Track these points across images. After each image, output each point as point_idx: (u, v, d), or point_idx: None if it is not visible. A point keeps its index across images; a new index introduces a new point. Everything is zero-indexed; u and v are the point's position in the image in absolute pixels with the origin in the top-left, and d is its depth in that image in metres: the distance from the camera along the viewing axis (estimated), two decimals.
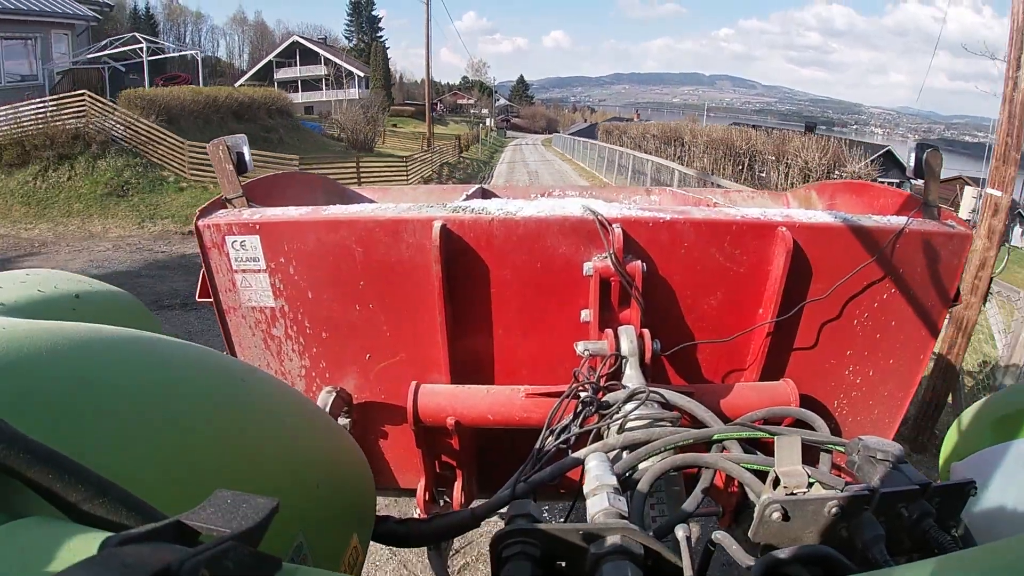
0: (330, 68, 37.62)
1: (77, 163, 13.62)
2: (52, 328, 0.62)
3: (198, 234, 1.53)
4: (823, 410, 1.68)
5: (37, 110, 14.20)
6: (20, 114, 14.08)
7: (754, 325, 1.57)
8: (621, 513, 0.77)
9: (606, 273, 1.44)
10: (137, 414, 0.59)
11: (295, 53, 38.56)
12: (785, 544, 0.72)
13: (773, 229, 1.48)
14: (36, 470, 0.42)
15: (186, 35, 59.68)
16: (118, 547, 0.34)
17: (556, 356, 1.59)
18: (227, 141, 1.58)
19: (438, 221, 1.44)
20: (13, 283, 1.00)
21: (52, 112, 14.16)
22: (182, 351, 0.74)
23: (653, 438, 1.03)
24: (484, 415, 1.46)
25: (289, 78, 36.94)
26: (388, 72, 51.83)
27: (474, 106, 46.59)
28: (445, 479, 1.70)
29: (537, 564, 0.65)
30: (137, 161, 14.18)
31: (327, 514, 0.84)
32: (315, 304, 1.57)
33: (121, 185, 13.48)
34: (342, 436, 1.06)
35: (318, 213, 1.51)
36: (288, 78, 36.84)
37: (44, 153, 13.54)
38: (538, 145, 43.88)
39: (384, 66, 49.98)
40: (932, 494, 0.77)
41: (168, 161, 14.35)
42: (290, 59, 38.51)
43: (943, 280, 1.57)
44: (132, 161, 14.11)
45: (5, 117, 13.84)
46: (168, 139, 14.48)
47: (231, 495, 0.42)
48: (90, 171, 13.58)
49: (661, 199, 3.06)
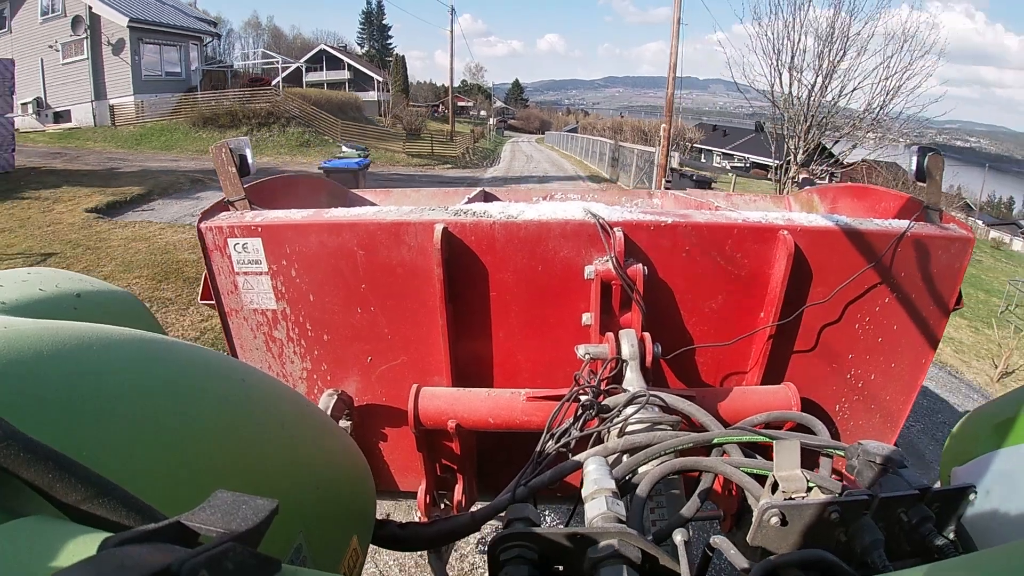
0: (352, 73, 43.84)
1: (273, 129, 24.03)
2: (53, 327, 0.62)
3: (200, 236, 1.53)
4: (824, 414, 1.68)
5: (237, 93, 25.31)
6: (224, 95, 25.00)
7: (755, 329, 1.57)
8: (619, 517, 0.77)
9: (607, 276, 1.44)
10: (137, 414, 0.59)
11: (322, 59, 44.87)
12: (784, 549, 0.72)
13: (775, 233, 1.48)
14: (36, 470, 0.42)
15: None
16: (117, 547, 0.34)
17: (557, 359, 1.59)
18: (230, 144, 1.58)
19: (440, 224, 1.44)
20: (14, 282, 1.00)
21: (247, 97, 25.05)
22: (182, 351, 0.74)
23: (653, 442, 1.03)
24: (485, 418, 1.46)
25: (317, 81, 41.81)
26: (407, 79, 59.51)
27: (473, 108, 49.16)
28: (446, 482, 1.70)
29: (534, 568, 0.65)
30: (310, 130, 24.80)
31: (327, 515, 0.84)
32: (317, 307, 1.57)
33: (304, 142, 23.83)
34: (342, 438, 1.06)
35: (320, 216, 1.52)
36: (316, 81, 41.71)
37: (250, 120, 23.65)
38: (532, 142, 52.99)
39: (403, 74, 56.73)
40: (932, 499, 0.77)
41: (327, 130, 25.19)
42: (317, 64, 44.69)
43: (945, 284, 1.57)
44: (307, 130, 24.70)
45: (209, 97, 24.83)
46: (328, 118, 25.66)
47: (231, 496, 0.42)
48: (283, 133, 24.03)
49: (663, 202, 3.06)
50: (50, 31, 23.51)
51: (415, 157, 26.08)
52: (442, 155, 27.50)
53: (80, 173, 14.34)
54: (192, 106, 24.09)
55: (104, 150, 20.22)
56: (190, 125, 23.26)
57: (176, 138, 22.59)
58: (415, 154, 26.58)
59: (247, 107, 23.96)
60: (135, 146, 21.48)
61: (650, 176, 15.57)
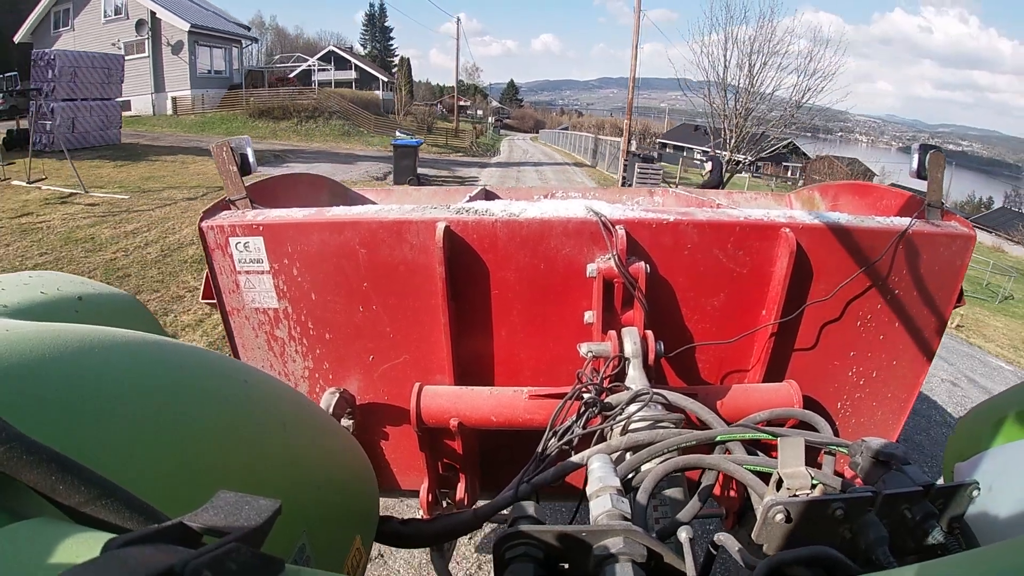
0: (358, 72, 47.38)
1: (318, 121, 28.17)
2: (55, 330, 0.62)
3: (202, 235, 1.53)
4: (826, 412, 1.68)
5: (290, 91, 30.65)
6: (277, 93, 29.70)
7: (757, 326, 1.57)
8: (624, 515, 0.77)
9: (609, 274, 1.44)
10: (140, 416, 0.59)
11: (331, 59, 48.04)
12: (788, 546, 0.72)
13: (776, 230, 1.47)
14: (38, 472, 0.42)
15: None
16: (120, 549, 0.34)
17: (559, 357, 1.59)
18: (231, 143, 1.58)
19: (442, 222, 1.44)
20: (16, 285, 1.00)
21: (295, 94, 30.17)
22: (184, 353, 0.74)
23: (656, 440, 1.03)
24: (487, 416, 1.46)
25: (326, 80, 44.44)
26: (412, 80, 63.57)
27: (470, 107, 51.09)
28: (448, 480, 1.70)
29: (540, 566, 0.65)
30: (349, 123, 29.22)
31: (330, 515, 0.84)
32: (318, 305, 1.57)
33: (345, 132, 27.96)
34: (345, 437, 1.06)
35: (322, 215, 1.51)
36: (325, 80, 44.36)
37: (300, 114, 28.01)
38: (527, 139, 58.72)
39: (408, 75, 60.19)
40: (935, 495, 0.77)
41: (361, 124, 29.79)
42: (326, 64, 47.54)
43: (946, 281, 1.56)
44: (347, 122, 29.11)
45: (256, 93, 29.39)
46: (362, 113, 30.86)
47: (234, 496, 0.42)
48: (327, 124, 28.21)
49: (664, 200, 3.06)
50: (112, 31, 26.87)
51: (432, 147, 30.21)
52: (454, 146, 33.11)
53: (177, 148, 18.01)
54: (237, 101, 28.57)
55: (175, 134, 23.02)
56: (247, 116, 27.31)
57: (236, 126, 26.15)
58: (431, 144, 30.70)
59: (296, 103, 28.97)
60: (200, 132, 24.18)
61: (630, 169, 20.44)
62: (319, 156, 20.47)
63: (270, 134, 25.52)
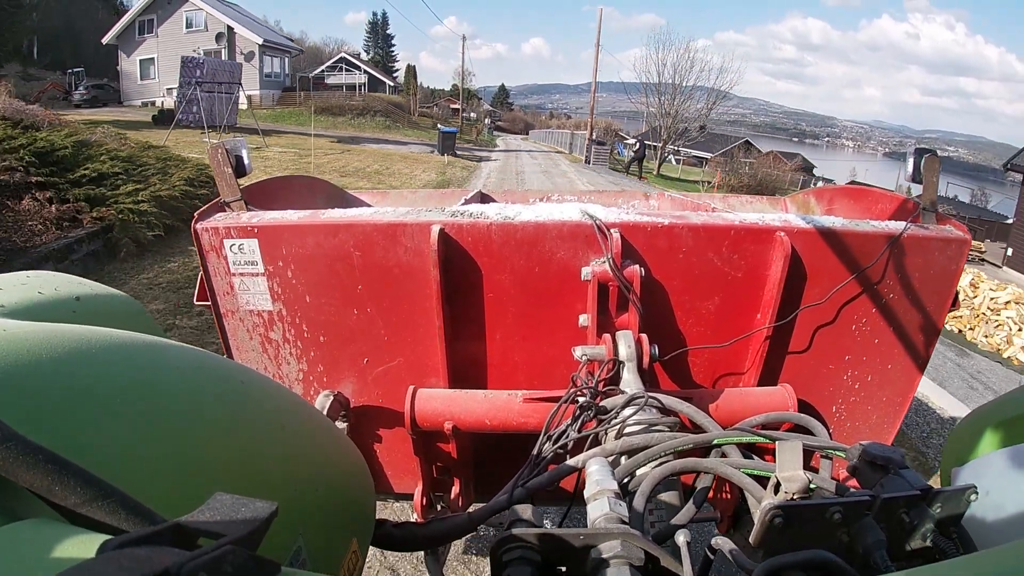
0: (366, 77, 52.86)
1: (366, 117, 35.43)
2: (52, 330, 0.61)
3: (196, 237, 1.52)
4: (821, 416, 1.68)
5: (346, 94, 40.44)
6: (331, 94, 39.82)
7: (752, 330, 1.57)
8: (622, 518, 0.76)
9: (604, 278, 1.44)
10: (136, 417, 0.59)
11: (341, 65, 54.83)
12: (786, 550, 0.72)
13: (771, 234, 1.48)
14: (35, 472, 0.42)
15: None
16: (116, 550, 0.34)
17: (554, 361, 1.59)
18: (226, 144, 1.57)
19: (436, 225, 1.44)
20: (14, 285, 1.00)
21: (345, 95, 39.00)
22: (181, 354, 0.74)
23: (652, 443, 1.03)
24: (482, 420, 1.46)
25: (337, 83, 50.13)
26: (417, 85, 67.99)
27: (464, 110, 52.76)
28: (442, 484, 1.69)
29: (537, 569, 0.65)
30: (392, 119, 36.41)
31: (326, 518, 0.84)
32: (313, 308, 1.56)
33: (387, 127, 34.63)
34: (341, 440, 1.05)
35: (316, 217, 1.51)
36: (336, 83, 49.95)
37: (352, 111, 35.37)
38: (518, 139, 66.43)
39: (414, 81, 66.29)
40: (933, 499, 0.77)
41: (398, 120, 37.04)
42: (337, 70, 53.88)
43: (941, 285, 1.57)
44: (390, 119, 36.43)
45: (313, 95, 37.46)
46: (397, 111, 38.98)
47: (230, 498, 0.42)
48: (373, 120, 35.30)
49: (659, 204, 3.06)
50: (193, 40, 33.64)
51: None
52: (465, 139, 39.13)
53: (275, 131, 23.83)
54: (291, 100, 36.52)
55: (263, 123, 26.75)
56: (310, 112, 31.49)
57: (304, 118, 30.16)
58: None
59: (349, 103, 37.22)
60: (275, 122, 29.53)
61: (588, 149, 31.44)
62: (379, 141, 27.42)
63: (332, 126, 32.17)
